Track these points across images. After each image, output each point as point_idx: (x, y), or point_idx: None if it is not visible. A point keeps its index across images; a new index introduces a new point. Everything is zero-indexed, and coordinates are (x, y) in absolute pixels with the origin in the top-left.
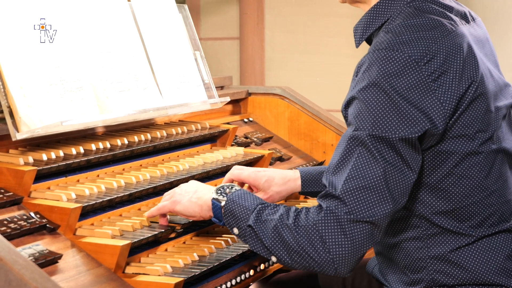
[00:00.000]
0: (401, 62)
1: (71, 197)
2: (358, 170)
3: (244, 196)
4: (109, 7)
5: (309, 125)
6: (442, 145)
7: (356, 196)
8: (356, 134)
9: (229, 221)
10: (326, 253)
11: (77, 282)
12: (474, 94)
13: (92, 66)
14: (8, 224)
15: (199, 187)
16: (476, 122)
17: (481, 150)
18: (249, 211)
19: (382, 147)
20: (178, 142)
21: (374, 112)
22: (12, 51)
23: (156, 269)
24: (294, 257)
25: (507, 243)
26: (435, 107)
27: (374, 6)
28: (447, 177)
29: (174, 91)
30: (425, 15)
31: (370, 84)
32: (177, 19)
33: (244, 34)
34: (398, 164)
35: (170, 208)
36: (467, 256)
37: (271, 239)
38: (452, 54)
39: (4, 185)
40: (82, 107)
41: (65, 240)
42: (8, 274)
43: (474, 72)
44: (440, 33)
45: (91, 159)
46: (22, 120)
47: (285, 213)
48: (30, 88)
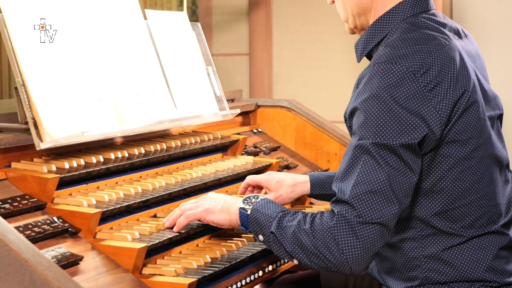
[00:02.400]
0: (399, 74)
1: (91, 202)
2: (364, 176)
3: (267, 205)
4: (128, 25)
5: (314, 135)
6: (438, 150)
7: (364, 200)
8: (361, 143)
9: (255, 228)
10: (340, 254)
11: (97, 282)
12: (467, 102)
13: (111, 80)
14: (33, 228)
15: (226, 197)
16: (469, 129)
17: (473, 155)
18: (271, 219)
19: (385, 154)
20: (192, 151)
21: (376, 122)
22: (36, 67)
23: (171, 270)
24: (312, 259)
25: (495, 243)
26: (432, 114)
27: (373, 24)
28: (441, 180)
29: (188, 103)
30: (420, 30)
31: (372, 96)
32: (191, 36)
33: (253, 50)
34: (401, 168)
35: (202, 216)
36: (458, 255)
37: (291, 243)
38: (446, 66)
39: (29, 192)
40: (102, 119)
41: (86, 243)
42: (32, 274)
43: (466, 82)
44: (435, 47)
45: (110, 167)
46: (46, 130)
47: (302, 219)
48: (53, 101)
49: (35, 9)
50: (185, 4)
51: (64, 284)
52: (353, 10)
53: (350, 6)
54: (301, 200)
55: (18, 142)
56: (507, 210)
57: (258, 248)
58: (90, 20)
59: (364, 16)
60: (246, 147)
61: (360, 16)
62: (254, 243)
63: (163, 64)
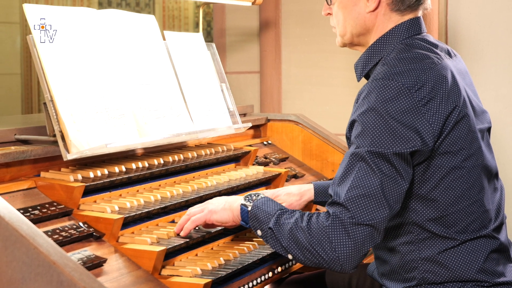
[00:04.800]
0: (396, 89)
1: (114, 209)
2: (359, 181)
3: (267, 202)
4: (148, 46)
5: (320, 147)
6: (431, 160)
7: (357, 203)
8: (357, 151)
9: (254, 224)
10: (332, 252)
11: (119, 282)
12: (458, 116)
13: (132, 96)
14: (60, 233)
15: (228, 198)
16: (460, 141)
17: (464, 165)
18: (270, 216)
19: (379, 161)
20: (207, 162)
21: (372, 133)
22: (62, 83)
23: (187, 271)
24: (306, 255)
25: (486, 246)
26: (425, 127)
27: (371, 46)
28: (435, 188)
29: (204, 117)
30: (415, 50)
31: (369, 109)
32: (206, 55)
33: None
34: (392, 175)
35: (206, 218)
36: (452, 257)
37: (287, 239)
38: (438, 83)
39: (57, 199)
40: (124, 132)
41: (109, 246)
42: (60, 275)
43: (457, 98)
44: (428, 65)
45: (132, 176)
46: (72, 143)
47: (299, 217)
48: (79, 115)
49: (64, 34)
50: (200, 26)
51: (89, 284)
52: (354, 29)
53: (352, 25)
54: (308, 207)
55: (47, 153)
56: (496, 216)
57: (268, 251)
58: (114, 41)
59: (363, 36)
60: (257, 158)
61: (359, 36)
62: (264, 246)
63: (180, 81)
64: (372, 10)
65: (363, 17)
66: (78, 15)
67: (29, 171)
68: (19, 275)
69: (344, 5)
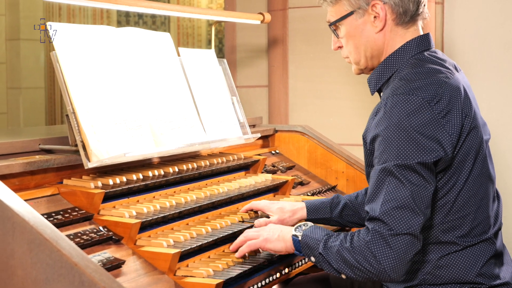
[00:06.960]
0: (417, 104)
1: (132, 214)
2: (391, 194)
3: (315, 230)
4: (163, 61)
5: (324, 156)
6: (448, 169)
7: (393, 215)
8: (384, 167)
9: (306, 251)
10: (378, 264)
11: (137, 283)
12: (470, 127)
13: (149, 109)
14: (81, 236)
15: (282, 228)
16: (471, 150)
17: (473, 172)
18: (318, 241)
19: (406, 173)
20: (219, 170)
21: (397, 147)
22: (84, 97)
23: (201, 272)
24: (356, 272)
25: (486, 251)
26: (446, 138)
27: (384, 61)
28: (447, 194)
29: (216, 128)
30: (428, 65)
31: (392, 124)
32: (218, 70)
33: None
34: (420, 183)
35: (261, 245)
36: (454, 261)
37: (336, 261)
38: (454, 95)
39: (78, 205)
40: (141, 142)
41: (127, 249)
42: (81, 276)
43: (469, 110)
44: (443, 79)
45: (148, 183)
46: (93, 152)
47: (343, 238)
48: (99, 126)
49: (85, 50)
50: (213, 43)
51: (108, 285)
52: (367, 52)
53: (365, 49)
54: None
55: (69, 162)
56: (494, 222)
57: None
58: (132, 57)
59: (376, 57)
60: (266, 166)
61: (372, 58)
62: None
63: (194, 94)
64: (380, 30)
65: (373, 39)
66: (98, 33)
67: (52, 178)
68: (43, 275)
69: (353, 34)
